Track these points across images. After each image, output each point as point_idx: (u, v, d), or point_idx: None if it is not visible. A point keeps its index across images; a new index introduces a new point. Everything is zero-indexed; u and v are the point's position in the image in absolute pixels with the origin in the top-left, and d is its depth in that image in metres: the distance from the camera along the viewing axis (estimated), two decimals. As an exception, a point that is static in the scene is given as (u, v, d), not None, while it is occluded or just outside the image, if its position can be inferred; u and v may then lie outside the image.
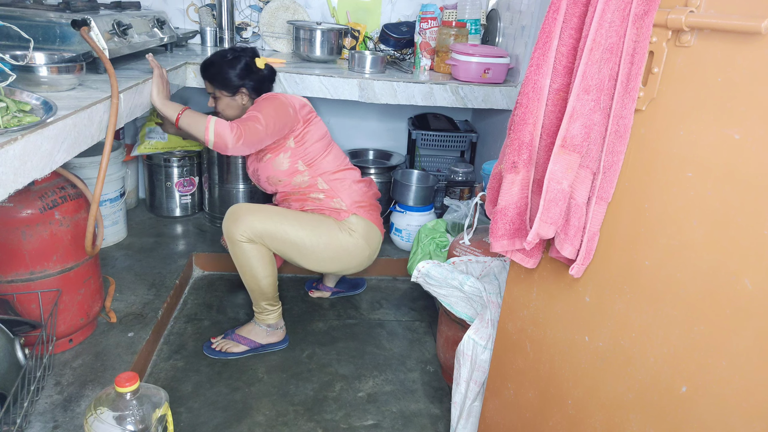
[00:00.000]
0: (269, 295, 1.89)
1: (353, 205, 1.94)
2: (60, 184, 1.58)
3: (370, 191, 2.05)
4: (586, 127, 0.90)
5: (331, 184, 1.94)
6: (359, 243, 1.92)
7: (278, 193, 2.00)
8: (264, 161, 1.92)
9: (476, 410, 1.50)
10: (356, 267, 1.99)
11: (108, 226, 2.33)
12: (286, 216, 1.84)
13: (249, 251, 1.80)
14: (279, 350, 1.96)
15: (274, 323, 1.94)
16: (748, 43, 0.74)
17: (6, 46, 1.47)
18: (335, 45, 2.43)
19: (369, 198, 2.02)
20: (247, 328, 1.94)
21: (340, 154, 2.04)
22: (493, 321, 1.45)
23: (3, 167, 0.92)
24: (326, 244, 1.87)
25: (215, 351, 1.90)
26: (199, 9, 2.60)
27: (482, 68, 2.20)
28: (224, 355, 1.89)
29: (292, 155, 1.90)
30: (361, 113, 2.94)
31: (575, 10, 0.92)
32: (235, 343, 1.91)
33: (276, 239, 1.81)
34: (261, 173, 1.96)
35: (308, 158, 1.92)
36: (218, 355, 1.89)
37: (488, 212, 1.13)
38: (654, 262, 0.90)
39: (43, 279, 1.55)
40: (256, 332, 1.93)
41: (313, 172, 1.93)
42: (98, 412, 1.17)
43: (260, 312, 1.92)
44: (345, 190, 1.95)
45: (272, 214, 1.83)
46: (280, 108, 1.81)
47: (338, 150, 2.05)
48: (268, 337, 1.94)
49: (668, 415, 0.90)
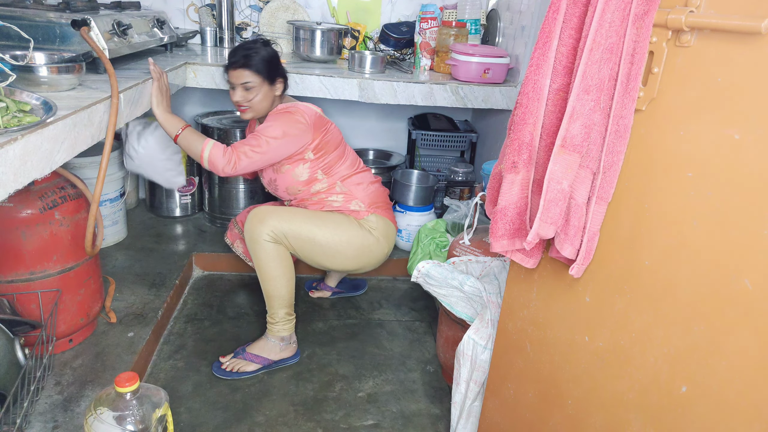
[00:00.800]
0: (288, 302, 1.85)
1: (371, 205, 1.97)
2: (60, 184, 1.58)
3: (383, 190, 2.08)
4: (586, 127, 0.90)
5: (349, 187, 1.96)
6: (380, 240, 1.94)
7: (295, 199, 1.99)
8: (282, 172, 1.90)
9: (476, 410, 1.50)
10: (375, 264, 2.00)
11: (108, 226, 2.33)
12: (309, 216, 1.85)
13: (273, 252, 1.78)
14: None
15: (287, 336, 1.87)
16: (748, 43, 0.74)
17: (6, 46, 1.47)
18: (335, 45, 2.43)
19: (384, 197, 2.05)
20: (259, 345, 1.86)
21: (354, 157, 2.05)
22: (493, 321, 1.45)
23: (3, 167, 0.92)
24: (348, 243, 1.88)
25: (226, 372, 1.81)
26: (199, 9, 2.60)
27: (482, 68, 2.20)
28: (236, 376, 1.81)
29: (312, 166, 1.89)
30: (361, 113, 2.94)
31: (575, 10, 0.92)
32: (247, 362, 1.83)
33: (300, 239, 1.81)
34: (279, 183, 1.94)
35: (326, 167, 1.92)
36: (230, 376, 1.80)
37: (488, 212, 1.13)
38: (654, 262, 0.90)
39: (43, 279, 1.55)
40: (269, 348, 1.86)
41: (331, 178, 1.94)
42: (98, 412, 1.17)
43: (275, 323, 1.85)
44: (362, 192, 1.97)
45: (295, 214, 1.84)
46: (291, 127, 1.79)
47: (351, 152, 2.05)
48: (282, 352, 1.87)
49: (668, 415, 0.90)
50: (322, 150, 1.89)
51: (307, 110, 1.86)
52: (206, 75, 2.12)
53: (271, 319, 1.86)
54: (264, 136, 1.76)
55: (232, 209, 2.63)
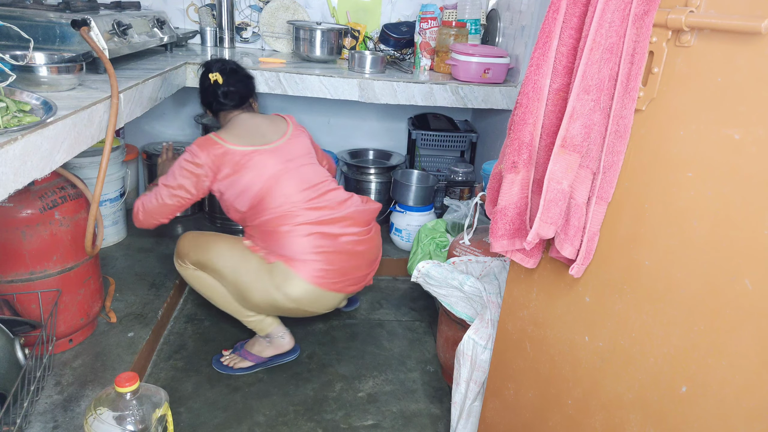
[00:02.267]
0: (236, 309, 1.81)
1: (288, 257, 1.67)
2: (60, 184, 1.58)
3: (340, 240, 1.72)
4: (586, 127, 0.90)
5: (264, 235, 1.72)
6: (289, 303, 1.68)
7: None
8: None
9: (476, 410, 1.50)
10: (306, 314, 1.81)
11: (108, 226, 2.33)
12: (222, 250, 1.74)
13: (201, 277, 1.81)
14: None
15: (271, 331, 1.84)
16: (748, 43, 0.74)
17: (6, 46, 1.47)
18: (335, 45, 2.43)
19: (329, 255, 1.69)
20: (251, 343, 1.88)
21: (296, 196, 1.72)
22: (493, 321, 1.45)
23: (3, 167, 0.92)
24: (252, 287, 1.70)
25: (223, 366, 1.84)
26: (199, 9, 2.60)
27: (482, 68, 2.20)
28: (230, 371, 1.83)
29: (224, 202, 1.81)
30: (361, 113, 2.94)
31: (575, 10, 0.92)
32: (242, 359, 1.85)
33: (214, 271, 1.76)
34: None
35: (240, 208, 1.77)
36: (226, 371, 1.83)
37: (488, 212, 1.13)
38: (654, 262, 0.90)
39: (43, 279, 1.55)
40: (259, 345, 1.87)
41: (250, 221, 1.77)
42: (98, 412, 1.17)
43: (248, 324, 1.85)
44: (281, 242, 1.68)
45: (210, 244, 1.77)
46: (185, 164, 1.72)
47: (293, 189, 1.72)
48: (270, 349, 1.86)
49: (668, 415, 0.90)
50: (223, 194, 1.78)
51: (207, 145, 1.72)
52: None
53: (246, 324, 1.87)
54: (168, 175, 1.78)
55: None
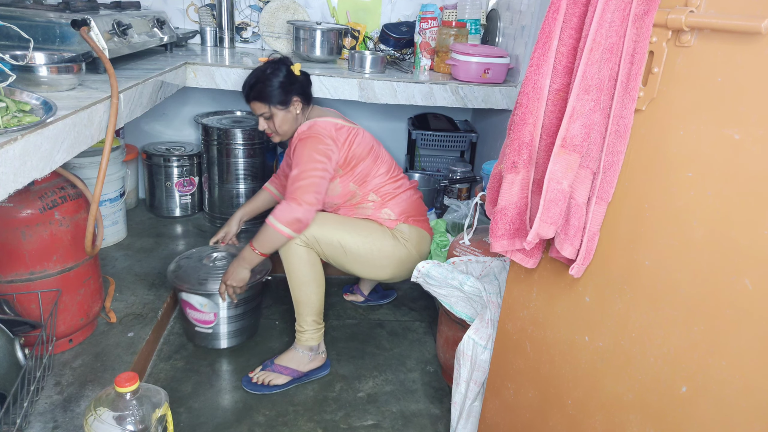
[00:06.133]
0: (317, 309, 1.81)
1: (402, 214, 1.91)
2: (60, 184, 1.58)
3: (417, 198, 2.02)
4: (586, 127, 0.90)
5: (382, 196, 1.92)
6: (411, 252, 1.88)
7: (330, 209, 1.96)
8: None
9: (476, 410, 1.50)
10: (406, 274, 1.92)
11: (108, 226, 2.33)
12: (341, 222, 1.83)
13: (304, 256, 1.76)
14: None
15: (315, 345, 1.83)
16: (748, 43, 0.74)
17: (6, 46, 1.47)
18: (335, 45, 2.43)
19: (418, 206, 1.99)
20: (288, 356, 1.82)
21: (389, 162, 1.99)
22: (493, 321, 1.45)
23: (3, 167, 0.92)
24: (379, 252, 1.84)
25: (256, 385, 1.77)
26: (199, 9, 2.60)
27: (482, 68, 2.20)
28: (267, 390, 1.76)
29: (342, 180, 1.87)
30: (361, 113, 2.94)
31: (575, 10, 0.92)
32: (277, 374, 1.78)
33: (332, 245, 1.78)
34: None
35: (359, 178, 1.89)
36: (260, 390, 1.75)
37: (488, 212, 1.13)
38: (654, 262, 0.90)
39: (43, 279, 1.55)
40: (298, 359, 1.81)
41: (365, 188, 1.91)
42: (98, 413, 1.17)
43: (303, 332, 1.81)
44: (394, 201, 1.92)
45: (327, 219, 1.80)
46: (318, 146, 1.76)
47: (386, 158, 1.99)
48: (311, 363, 1.82)
49: (668, 415, 0.90)
50: (350, 163, 1.87)
51: (324, 128, 1.83)
52: (206, 75, 2.12)
53: (300, 327, 1.82)
54: (300, 170, 1.73)
55: (231, 209, 2.64)
